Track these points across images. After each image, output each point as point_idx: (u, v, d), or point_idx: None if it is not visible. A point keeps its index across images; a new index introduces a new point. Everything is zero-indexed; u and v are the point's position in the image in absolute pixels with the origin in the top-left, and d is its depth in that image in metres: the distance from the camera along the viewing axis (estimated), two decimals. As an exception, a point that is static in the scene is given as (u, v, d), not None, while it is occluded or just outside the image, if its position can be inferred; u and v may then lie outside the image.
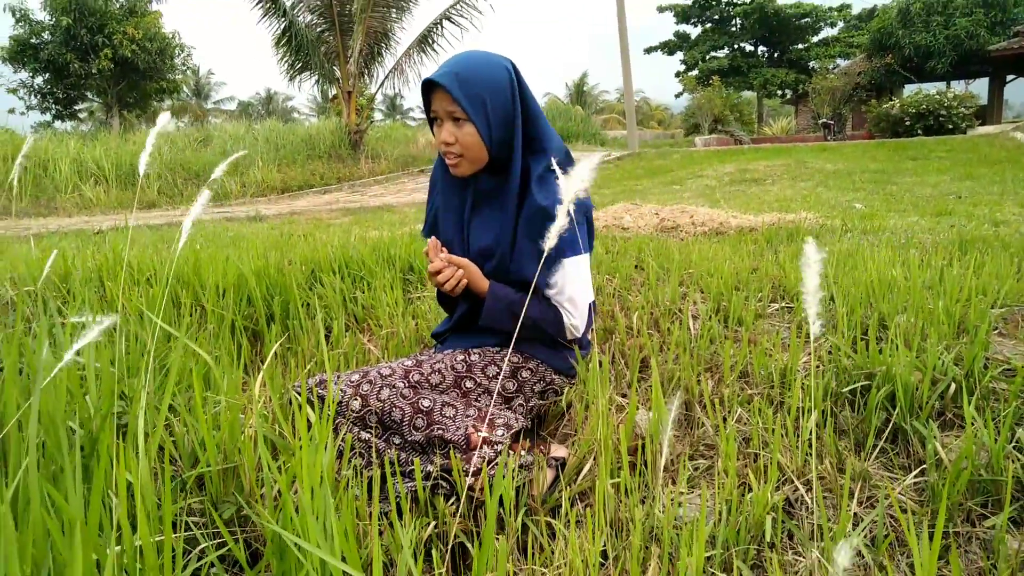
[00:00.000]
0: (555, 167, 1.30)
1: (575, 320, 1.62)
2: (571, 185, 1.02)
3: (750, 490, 1.36)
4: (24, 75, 20.29)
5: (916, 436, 1.47)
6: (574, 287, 1.60)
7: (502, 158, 1.57)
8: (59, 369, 0.91)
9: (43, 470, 1.15)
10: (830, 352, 1.77)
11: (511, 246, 1.60)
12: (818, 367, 1.71)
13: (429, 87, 1.52)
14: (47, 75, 20.09)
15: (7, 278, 2.48)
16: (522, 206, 1.58)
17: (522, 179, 1.58)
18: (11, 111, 21.42)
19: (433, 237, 1.64)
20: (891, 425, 1.51)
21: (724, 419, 1.60)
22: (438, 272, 1.58)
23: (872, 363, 1.61)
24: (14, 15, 19.19)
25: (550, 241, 1.03)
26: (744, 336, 1.83)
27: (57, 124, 21.44)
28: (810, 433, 1.46)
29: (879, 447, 1.49)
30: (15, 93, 20.49)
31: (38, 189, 11.44)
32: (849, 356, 1.70)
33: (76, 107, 21.99)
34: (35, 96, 20.67)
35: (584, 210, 1.64)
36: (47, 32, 19.40)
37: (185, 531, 1.28)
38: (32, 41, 19.40)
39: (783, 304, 2.20)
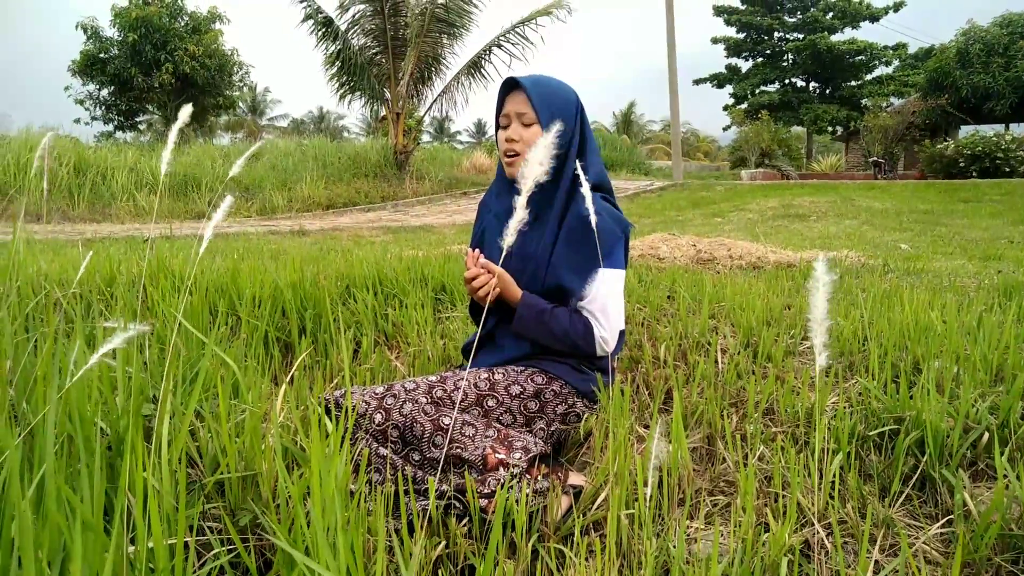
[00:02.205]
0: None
1: (605, 332, 1.64)
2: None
3: (768, 530, 1.33)
4: (91, 87, 21.17)
5: (944, 485, 1.42)
6: (607, 298, 1.64)
7: (552, 170, 1.64)
8: (78, 371, 0.94)
9: (69, 466, 1.19)
10: (860, 394, 1.73)
11: (550, 252, 1.67)
12: (846, 408, 1.67)
13: (506, 91, 1.68)
14: (112, 88, 20.91)
15: (57, 280, 2.57)
16: (565, 217, 1.67)
17: (568, 193, 1.67)
18: (76, 120, 22.32)
19: (476, 249, 1.71)
20: (919, 472, 1.47)
21: (746, 456, 1.57)
22: (474, 278, 1.64)
23: (902, 407, 1.56)
24: (85, 32, 20.08)
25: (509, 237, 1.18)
26: (772, 372, 1.79)
27: (118, 134, 22.25)
28: (834, 475, 1.42)
29: (905, 494, 1.44)
30: (82, 104, 21.35)
31: (95, 196, 11.86)
32: (879, 399, 1.66)
33: (137, 119, 22.78)
34: (100, 107, 21.51)
35: (622, 227, 1.67)
36: (115, 47, 20.23)
37: (201, 536, 1.30)
38: (101, 56, 20.25)
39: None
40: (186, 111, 1.43)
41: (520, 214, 1.14)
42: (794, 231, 7.08)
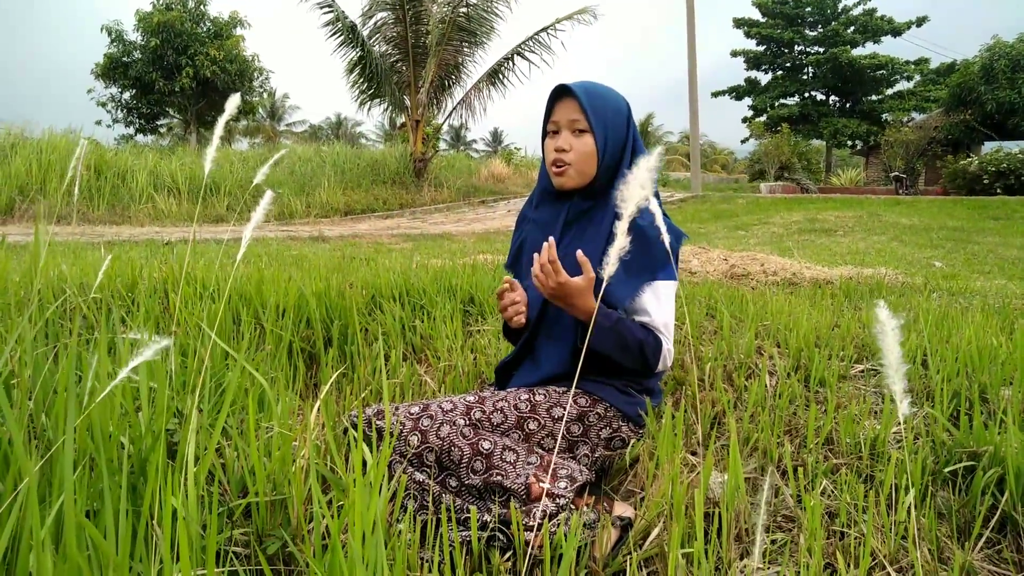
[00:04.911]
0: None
1: (670, 346, 1.56)
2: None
3: (836, 573, 1.23)
4: (114, 90, 21.35)
5: (1029, 528, 1.31)
6: (668, 312, 1.56)
7: (602, 180, 1.58)
8: (99, 385, 0.85)
9: (91, 487, 1.11)
10: (926, 424, 1.62)
11: (600, 265, 1.56)
12: (914, 440, 1.56)
13: (556, 97, 1.58)
14: (134, 91, 21.08)
15: (78, 284, 2.51)
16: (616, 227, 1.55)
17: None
18: (98, 123, 22.42)
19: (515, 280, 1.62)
20: (998, 513, 1.36)
21: (806, 489, 1.47)
22: (505, 300, 1.57)
23: (977, 441, 1.45)
24: (110, 35, 20.27)
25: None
26: (830, 399, 1.69)
27: (139, 137, 22.41)
28: (906, 514, 1.32)
29: (985, 537, 1.33)
30: (104, 106, 21.54)
31: (115, 198, 11.90)
32: (947, 430, 1.55)
33: (157, 122, 22.95)
34: (121, 110, 21.68)
35: (677, 237, 1.58)
36: (137, 51, 20.40)
37: (228, 564, 1.21)
38: (123, 59, 20.43)
39: (868, 366, 2.05)
40: (234, 100, 1.33)
41: (621, 241, 1.05)
42: (822, 246, 6.94)
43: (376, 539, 1.00)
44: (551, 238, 1.48)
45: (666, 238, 1.54)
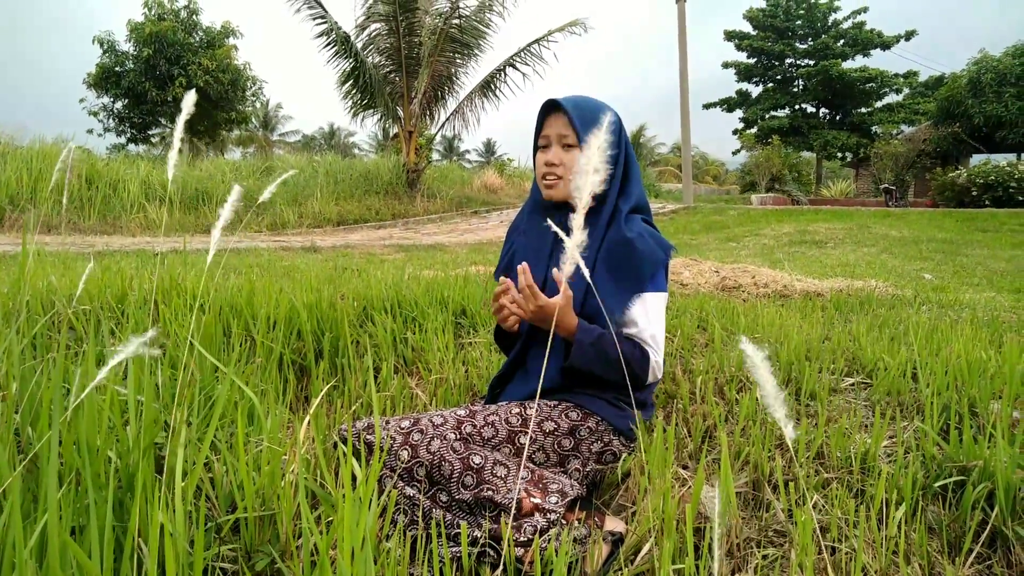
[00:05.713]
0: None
1: (658, 358, 1.56)
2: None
3: (828, 589, 1.23)
4: (106, 100, 21.28)
5: (1020, 543, 1.31)
6: (656, 324, 1.57)
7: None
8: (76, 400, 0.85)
9: (77, 501, 1.10)
10: (916, 438, 1.63)
11: (590, 275, 1.56)
12: (905, 455, 1.56)
13: (546, 113, 1.60)
14: (126, 101, 21.01)
15: (67, 295, 2.49)
16: (605, 239, 1.58)
17: (610, 215, 1.59)
18: (90, 131, 22.31)
19: (505, 275, 1.62)
20: (988, 527, 1.36)
21: (797, 503, 1.47)
22: (506, 302, 1.55)
23: (967, 455, 1.46)
24: (102, 46, 20.23)
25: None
26: (821, 413, 1.69)
27: (131, 147, 22.31)
28: (897, 529, 1.32)
29: (975, 552, 1.33)
30: (96, 116, 21.43)
31: (106, 207, 11.83)
32: (938, 444, 1.55)
33: (149, 132, 22.86)
34: (113, 120, 21.60)
35: (665, 250, 1.58)
36: (129, 61, 20.36)
37: (215, 580, 1.20)
38: (116, 69, 20.38)
39: (859, 379, 2.05)
40: (190, 98, 1.31)
41: (578, 236, 1.05)
42: (812, 258, 6.97)
43: (365, 555, 1.00)
44: (524, 264, 1.50)
45: (654, 250, 1.56)
